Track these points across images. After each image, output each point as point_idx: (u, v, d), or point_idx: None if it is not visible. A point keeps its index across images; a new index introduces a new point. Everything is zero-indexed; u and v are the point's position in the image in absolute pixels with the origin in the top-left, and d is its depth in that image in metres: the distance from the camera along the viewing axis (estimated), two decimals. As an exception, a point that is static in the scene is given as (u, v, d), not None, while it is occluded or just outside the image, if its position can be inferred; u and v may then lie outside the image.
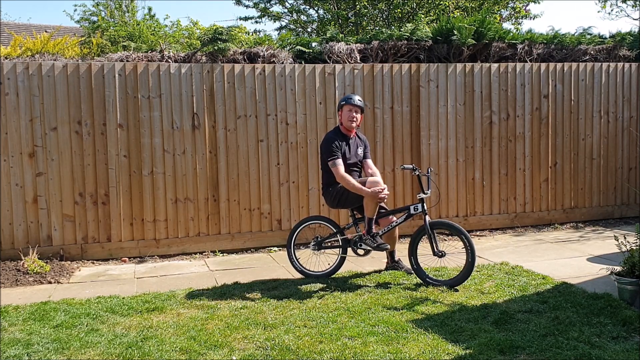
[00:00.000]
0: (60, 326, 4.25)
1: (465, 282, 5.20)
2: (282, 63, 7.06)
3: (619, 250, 4.80)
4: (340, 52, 7.36)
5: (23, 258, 5.94)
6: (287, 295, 4.93)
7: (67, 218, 6.35)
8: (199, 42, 7.77)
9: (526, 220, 7.88)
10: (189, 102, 6.63)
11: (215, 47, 6.95)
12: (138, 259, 6.55)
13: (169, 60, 6.91)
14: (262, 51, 7.17)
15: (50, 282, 5.60)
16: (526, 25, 21.98)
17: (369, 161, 5.59)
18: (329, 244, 5.56)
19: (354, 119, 5.37)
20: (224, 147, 6.76)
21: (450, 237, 6.98)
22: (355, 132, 5.54)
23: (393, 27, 11.25)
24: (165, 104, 6.56)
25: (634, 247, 4.65)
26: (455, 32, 7.60)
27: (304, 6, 15.63)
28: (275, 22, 15.61)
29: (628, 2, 17.08)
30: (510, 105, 7.72)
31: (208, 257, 6.62)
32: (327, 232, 5.67)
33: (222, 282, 5.45)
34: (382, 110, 7.24)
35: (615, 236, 4.89)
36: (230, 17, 34.37)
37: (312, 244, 5.58)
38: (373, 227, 5.30)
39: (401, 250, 6.02)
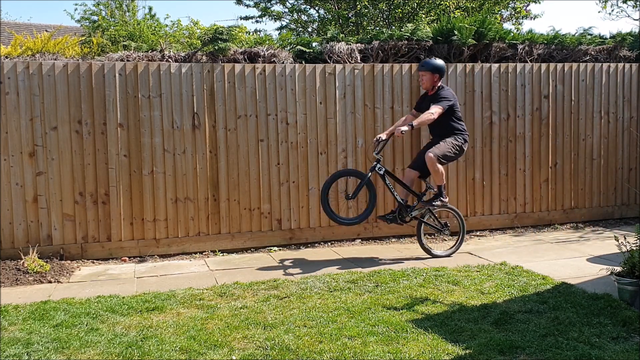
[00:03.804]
0: (60, 325, 4.25)
1: (466, 282, 5.21)
2: (283, 63, 7.06)
3: (619, 251, 4.80)
4: (341, 52, 7.36)
5: (23, 257, 5.94)
6: (287, 295, 4.93)
7: (67, 217, 6.35)
8: (199, 41, 7.77)
9: (526, 221, 7.88)
10: (189, 101, 6.63)
11: (216, 47, 6.95)
12: (138, 258, 6.55)
13: (170, 60, 6.91)
14: (262, 51, 7.17)
15: (50, 282, 5.60)
16: (527, 25, 22.01)
17: None
18: None
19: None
20: (224, 147, 6.75)
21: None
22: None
23: (393, 27, 11.27)
24: (166, 104, 6.56)
25: (634, 248, 4.65)
26: (456, 32, 7.60)
27: (304, 6, 15.65)
28: (275, 21, 15.64)
29: (629, 3, 17.09)
30: (510, 105, 7.72)
31: (208, 257, 6.62)
32: None
33: (222, 281, 5.45)
34: (383, 110, 7.24)
35: (615, 236, 4.88)
36: (230, 17, 34.43)
37: None
38: None
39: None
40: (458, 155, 6.35)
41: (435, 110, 6.09)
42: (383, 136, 6.29)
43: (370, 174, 6.28)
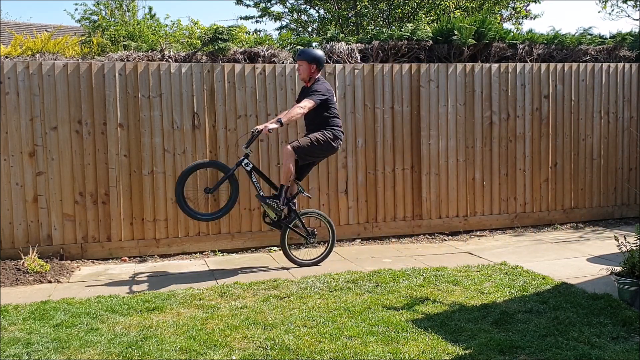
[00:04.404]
0: (60, 325, 4.25)
1: (466, 282, 5.22)
2: (283, 63, 7.06)
3: (618, 251, 4.80)
4: (341, 52, 7.36)
5: (23, 257, 5.94)
6: (287, 295, 4.93)
7: (67, 217, 6.34)
8: (199, 41, 7.77)
9: (526, 221, 7.88)
10: (189, 101, 6.63)
11: (216, 47, 6.95)
12: (138, 258, 6.55)
13: (170, 60, 6.91)
14: (262, 51, 7.17)
15: (50, 282, 5.60)
16: (527, 25, 22.01)
17: None
18: None
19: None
20: (224, 147, 6.75)
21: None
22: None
23: (393, 27, 11.26)
24: (166, 104, 6.55)
25: (634, 248, 4.65)
26: (456, 32, 7.60)
27: (304, 6, 15.65)
28: (275, 21, 15.64)
29: (629, 3, 17.09)
30: (510, 105, 7.72)
31: (208, 257, 6.62)
32: None
33: (222, 281, 5.45)
34: (383, 111, 7.24)
35: (615, 236, 4.88)
36: (230, 17, 34.39)
37: None
38: None
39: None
40: (323, 152, 5.90)
41: (305, 105, 5.68)
42: (260, 127, 5.70)
43: (235, 168, 5.84)
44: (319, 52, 6.00)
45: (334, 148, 5.94)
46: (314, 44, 7.84)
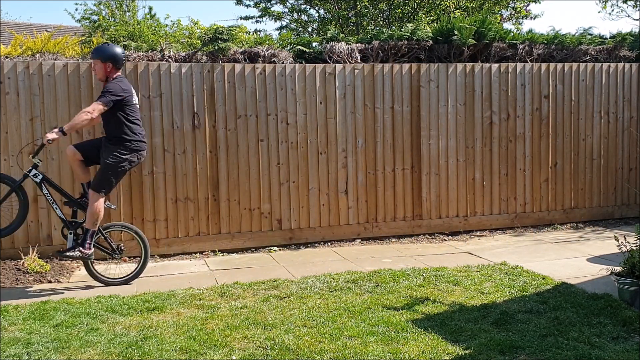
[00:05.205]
0: (60, 325, 4.25)
1: (466, 282, 5.21)
2: (283, 63, 7.06)
3: (618, 251, 4.80)
4: (341, 52, 7.36)
5: (23, 257, 5.94)
6: (287, 295, 4.93)
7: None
8: (199, 41, 7.78)
9: (526, 221, 7.88)
10: (189, 101, 6.63)
11: (216, 47, 6.95)
12: (138, 258, 6.53)
13: (170, 60, 6.91)
14: (262, 51, 7.17)
15: (50, 282, 5.60)
16: (527, 25, 21.99)
17: None
18: None
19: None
20: (224, 147, 6.75)
21: None
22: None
23: (394, 27, 11.27)
24: (166, 104, 6.55)
25: (634, 248, 4.65)
26: (456, 32, 7.60)
27: (304, 6, 15.65)
28: (276, 21, 15.65)
29: (629, 3, 17.09)
30: (510, 105, 7.72)
31: (208, 257, 6.62)
32: None
33: (222, 281, 5.45)
34: (383, 110, 7.24)
35: (615, 236, 4.89)
36: (230, 17, 34.45)
37: None
38: None
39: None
40: (126, 170, 5.37)
41: (93, 108, 5.04)
42: (52, 135, 5.03)
43: (21, 180, 5.28)
44: (115, 49, 5.32)
45: (136, 161, 5.44)
46: (314, 44, 7.84)
